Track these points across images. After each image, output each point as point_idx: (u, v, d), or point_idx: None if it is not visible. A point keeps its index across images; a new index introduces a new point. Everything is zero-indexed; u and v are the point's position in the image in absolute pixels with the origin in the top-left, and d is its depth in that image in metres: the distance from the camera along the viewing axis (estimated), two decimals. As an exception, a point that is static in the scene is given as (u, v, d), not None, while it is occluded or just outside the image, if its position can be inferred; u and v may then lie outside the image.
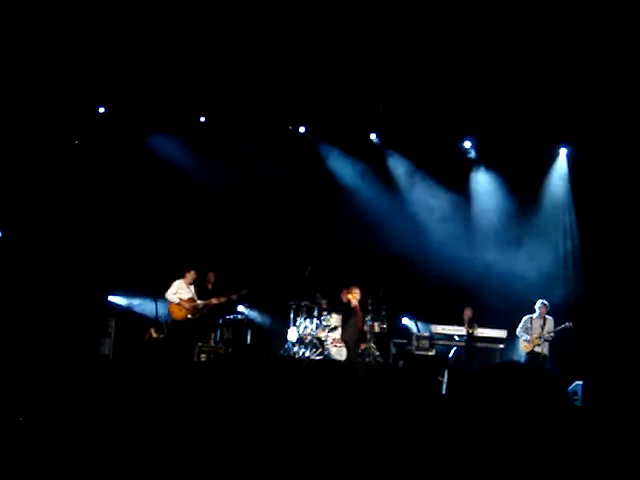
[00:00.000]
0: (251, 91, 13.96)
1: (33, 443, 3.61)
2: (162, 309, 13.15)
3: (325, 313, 13.75)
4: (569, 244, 14.30)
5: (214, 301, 12.97)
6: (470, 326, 13.02)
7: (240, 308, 14.43)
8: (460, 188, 14.68)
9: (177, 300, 12.51)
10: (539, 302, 12.67)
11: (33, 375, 6.07)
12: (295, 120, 15.11)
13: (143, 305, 14.35)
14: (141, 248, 14.61)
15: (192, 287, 12.74)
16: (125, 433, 3.26)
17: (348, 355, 12.67)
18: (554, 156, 14.54)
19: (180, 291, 12.57)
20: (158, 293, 12.93)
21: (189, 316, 12.57)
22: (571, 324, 12.42)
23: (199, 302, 12.71)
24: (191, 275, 12.67)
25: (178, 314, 12.53)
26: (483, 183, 14.86)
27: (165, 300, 12.67)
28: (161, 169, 14.72)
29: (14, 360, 8.85)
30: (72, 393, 4.89)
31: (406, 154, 14.94)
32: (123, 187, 14.68)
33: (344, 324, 12.93)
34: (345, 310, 12.97)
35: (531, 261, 13.76)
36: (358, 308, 12.53)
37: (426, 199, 14.62)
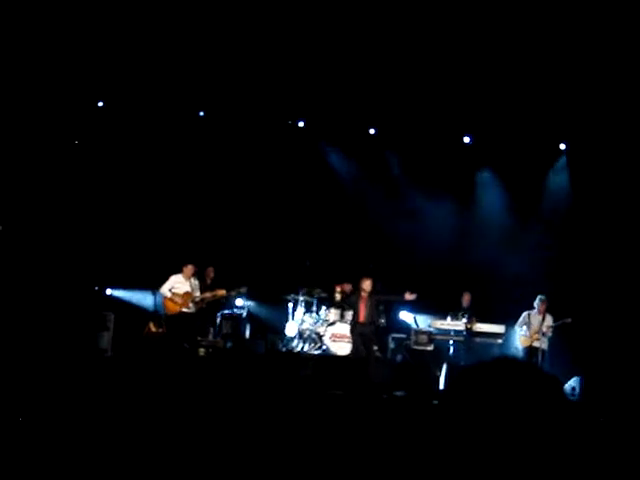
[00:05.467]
0: (251, 87, 13.91)
1: (30, 439, 3.61)
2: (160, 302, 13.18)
3: (324, 308, 13.77)
4: (569, 240, 14.27)
5: (208, 295, 12.92)
6: (469, 321, 13.02)
7: (238, 302, 14.42)
8: (460, 185, 14.64)
9: (169, 294, 12.52)
10: (538, 298, 12.66)
11: (30, 370, 6.06)
12: (294, 115, 15.08)
13: (142, 298, 14.33)
14: (140, 241, 14.56)
15: (193, 280, 12.72)
16: (124, 428, 3.27)
17: (353, 350, 12.66)
18: (554, 151, 14.53)
19: (177, 285, 12.55)
20: (157, 286, 12.94)
21: (184, 310, 12.56)
22: (569, 320, 12.42)
23: (196, 296, 12.70)
24: (188, 269, 12.64)
25: (171, 308, 12.56)
26: (483, 180, 14.83)
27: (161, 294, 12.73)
28: (159, 162, 14.66)
29: (10, 355, 8.85)
30: (70, 388, 4.89)
31: (405, 150, 14.91)
32: (120, 180, 14.61)
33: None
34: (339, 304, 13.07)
35: (530, 257, 13.75)
36: (363, 300, 12.44)
37: (425, 196, 14.57)
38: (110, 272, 14.39)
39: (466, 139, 14.71)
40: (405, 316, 14.14)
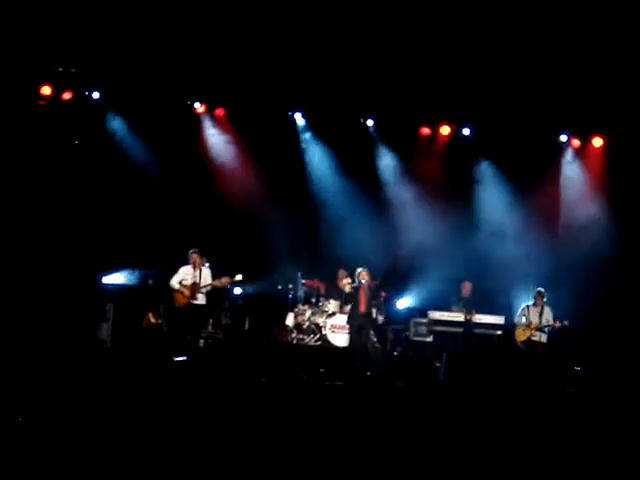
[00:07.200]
0: (248, 78, 13.88)
1: (30, 431, 3.62)
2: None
3: (322, 299, 13.76)
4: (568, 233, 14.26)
5: (216, 283, 12.85)
6: (468, 312, 13.04)
7: (237, 291, 14.42)
8: (459, 177, 14.61)
9: (177, 287, 12.53)
10: (536, 290, 12.64)
11: (29, 362, 6.07)
12: (291, 105, 15.02)
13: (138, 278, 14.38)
14: (136, 230, 14.45)
15: (205, 269, 12.66)
16: (123, 420, 3.27)
17: (350, 341, 12.66)
18: (556, 144, 14.51)
19: (186, 277, 12.55)
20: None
21: (192, 302, 12.53)
22: (567, 323, 12.38)
23: (208, 284, 12.65)
24: (192, 258, 12.61)
25: (180, 300, 12.56)
26: (484, 171, 14.79)
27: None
28: (152, 150, 14.59)
29: (9, 347, 8.86)
30: (70, 379, 4.89)
31: (401, 142, 14.87)
32: (114, 171, 14.50)
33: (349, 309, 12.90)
34: (342, 295, 13.03)
35: (531, 249, 13.74)
36: (363, 290, 12.41)
37: (424, 189, 14.55)
38: (105, 260, 14.26)
39: (466, 131, 14.66)
40: (403, 303, 14.17)
